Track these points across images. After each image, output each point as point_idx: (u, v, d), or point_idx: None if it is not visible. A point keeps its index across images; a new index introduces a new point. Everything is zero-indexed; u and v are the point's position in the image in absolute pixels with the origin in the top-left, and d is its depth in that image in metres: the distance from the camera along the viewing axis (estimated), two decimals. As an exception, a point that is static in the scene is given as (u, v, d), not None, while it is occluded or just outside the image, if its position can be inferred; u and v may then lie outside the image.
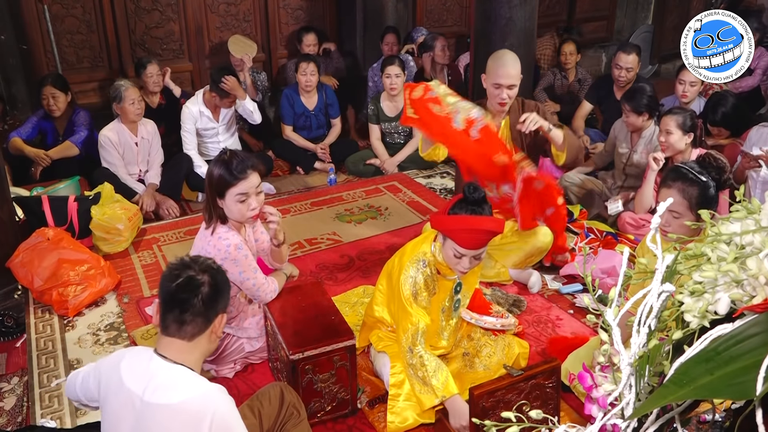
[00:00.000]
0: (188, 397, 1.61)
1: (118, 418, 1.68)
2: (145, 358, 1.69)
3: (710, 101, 4.08)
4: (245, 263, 2.47)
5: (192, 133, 4.43)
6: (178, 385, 1.63)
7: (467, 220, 2.21)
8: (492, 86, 3.12)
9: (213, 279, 1.73)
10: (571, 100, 5.39)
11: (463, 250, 2.23)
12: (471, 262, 2.27)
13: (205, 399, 1.62)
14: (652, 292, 0.91)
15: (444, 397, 2.25)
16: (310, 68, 4.82)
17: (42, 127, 4.31)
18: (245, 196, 2.43)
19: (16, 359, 2.93)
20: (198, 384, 1.65)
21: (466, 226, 2.20)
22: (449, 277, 2.43)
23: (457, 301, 2.51)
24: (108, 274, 3.30)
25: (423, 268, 2.34)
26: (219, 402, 1.63)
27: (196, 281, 1.70)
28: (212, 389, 1.65)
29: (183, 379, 1.65)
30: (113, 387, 1.70)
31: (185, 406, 1.60)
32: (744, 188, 1.05)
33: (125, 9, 5.14)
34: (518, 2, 4.06)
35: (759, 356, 0.76)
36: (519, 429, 0.99)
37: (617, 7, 7.35)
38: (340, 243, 3.81)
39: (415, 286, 2.33)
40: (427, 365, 2.29)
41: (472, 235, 2.20)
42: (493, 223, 2.24)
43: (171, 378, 1.65)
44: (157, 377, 1.64)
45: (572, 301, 3.18)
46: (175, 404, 1.60)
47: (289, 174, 4.98)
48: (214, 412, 1.60)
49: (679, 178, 2.32)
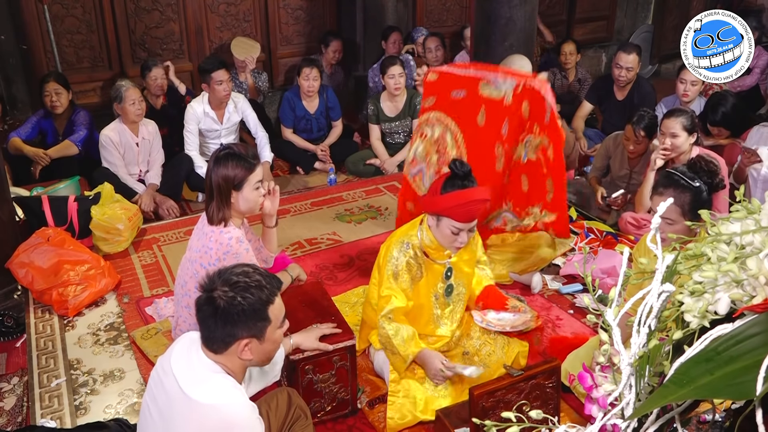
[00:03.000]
0: (219, 403, 1.63)
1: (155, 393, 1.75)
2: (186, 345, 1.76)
3: (710, 101, 4.08)
4: (246, 258, 2.47)
5: (194, 134, 4.43)
6: (213, 387, 1.66)
7: (461, 194, 2.29)
8: None
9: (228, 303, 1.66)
10: (571, 100, 5.39)
11: (460, 224, 2.33)
12: (467, 235, 2.37)
13: (233, 411, 1.63)
14: (652, 292, 0.91)
15: (411, 357, 2.37)
16: (313, 73, 4.81)
17: (42, 127, 4.32)
18: (260, 183, 2.48)
19: (16, 359, 2.93)
20: (232, 394, 1.66)
21: (461, 201, 2.29)
22: (438, 261, 2.47)
23: (449, 287, 2.53)
24: (108, 274, 3.30)
25: (406, 250, 2.43)
26: (243, 419, 1.65)
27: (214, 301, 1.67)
28: (243, 405, 1.66)
29: (220, 384, 1.67)
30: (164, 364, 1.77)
31: (212, 412, 1.62)
32: (744, 188, 1.05)
33: (125, 9, 5.14)
34: (518, 2, 4.06)
35: (759, 356, 0.76)
36: (519, 429, 0.99)
37: (617, 7, 7.35)
38: (340, 243, 3.81)
39: (396, 266, 2.43)
40: (389, 332, 2.38)
41: (467, 208, 2.30)
42: (482, 191, 2.34)
43: (209, 377, 1.68)
44: (197, 369, 1.69)
45: (572, 301, 3.18)
46: (204, 404, 1.63)
47: (289, 174, 4.98)
48: (235, 426, 1.63)
49: (670, 185, 2.30)
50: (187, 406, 1.64)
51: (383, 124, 4.89)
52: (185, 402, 1.65)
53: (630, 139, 3.72)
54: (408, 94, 4.82)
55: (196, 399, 1.63)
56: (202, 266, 2.48)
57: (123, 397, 2.61)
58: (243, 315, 1.67)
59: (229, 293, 1.66)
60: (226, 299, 1.66)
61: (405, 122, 4.87)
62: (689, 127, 3.37)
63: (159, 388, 1.74)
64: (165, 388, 1.71)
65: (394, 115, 4.85)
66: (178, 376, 1.69)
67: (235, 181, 2.41)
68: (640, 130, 3.66)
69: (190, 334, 1.82)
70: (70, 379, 2.72)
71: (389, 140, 4.96)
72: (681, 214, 2.25)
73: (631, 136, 3.71)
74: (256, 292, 1.69)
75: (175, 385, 1.68)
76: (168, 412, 1.69)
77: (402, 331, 2.39)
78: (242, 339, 1.68)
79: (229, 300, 1.65)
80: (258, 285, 1.71)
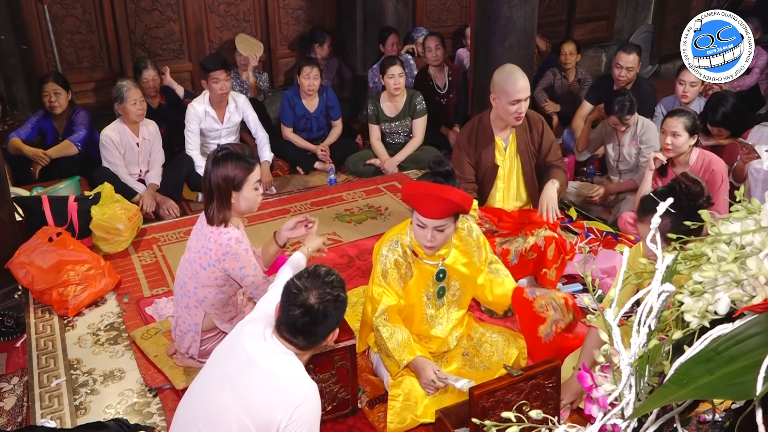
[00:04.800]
0: (293, 377, 1.80)
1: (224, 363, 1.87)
2: (261, 329, 1.89)
3: (710, 101, 4.08)
4: (246, 258, 2.47)
5: (195, 134, 4.42)
6: (286, 364, 1.82)
7: (429, 185, 2.29)
8: (508, 104, 3.11)
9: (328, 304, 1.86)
10: (571, 100, 5.39)
11: (423, 218, 2.29)
12: (434, 235, 2.31)
13: (305, 386, 1.80)
14: (652, 292, 0.91)
15: (404, 363, 2.35)
16: (314, 72, 4.81)
17: (41, 127, 4.32)
18: (258, 183, 2.49)
19: (16, 359, 2.93)
20: (303, 373, 1.83)
21: (427, 191, 2.27)
22: (429, 261, 2.46)
23: (441, 289, 2.52)
24: (108, 274, 3.30)
25: (395, 248, 2.44)
26: (313, 396, 1.81)
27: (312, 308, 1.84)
28: (312, 384, 1.82)
29: (291, 362, 1.83)
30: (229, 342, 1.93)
31: (286, 383, 1.78)
32: (744, 187, 1.05)
33: (125, 9, 5.14)
34: (518, 2, 4.06)
35: (759, 356, 0.76)
36: (519, 429, 0.99)
37: (617, 7, 7.34)
38: (340, 243, 3.81)
39: (385, 265, 2.43)
40: (384, 335, 2.36)
41: (432, 200, 2.26)
42: (457, 194, 2.28)
43: (281, 354, 1.83)
44: (270, 347, 1.84)
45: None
46: (277, 374, 1.79)
47: (289, 174, 4.98)
48: (306, 398, 1.76)
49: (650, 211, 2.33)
50: (261, 375, 1.77)
51: (383, 125, 4.89)
52: (260, 372, 1.78)
53: (618, 124, 4.02)
54: (408, 95, 4.82)
55: (272, 370, 1.78)
56: (201, 267, 2.49)
57: (123, 397, 2.61)
58: (342, 307, 1.91)
59: (328, 294, 1.85)
60: (328, 300, 1.85)
61: (405, 122, 4.87)
62: (691, 128, 3.38)
63: (227, 360, 1.87)
64: (236, 360, 1.84)
65: (393, 115, 4.85)
66: (252, 351, 1.83)
67: (235, 181, 2.41)
68: (626, 117, 3.94)
69: (256, 318, 1.96)
70: (70, 379, 2.72)
71: (389, 140, 4.96)
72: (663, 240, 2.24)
73: (618, 122, 3.99)
74: (342, 285, 1.93)
75: (247, 358, 1.81)
76: (241, 380, 1.79)
77: (397, 335, 2.37)
78: (334, 330, 1.92)
79: (329, 301, 1.85)
80: (339, 278, 1.93)
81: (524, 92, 3.11)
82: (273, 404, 1.74)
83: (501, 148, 3.29)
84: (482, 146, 3.28)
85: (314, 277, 1.88)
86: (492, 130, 3.28)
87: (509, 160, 3.30)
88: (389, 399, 2.40)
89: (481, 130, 3.29)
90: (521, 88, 3.09)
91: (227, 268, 2.46)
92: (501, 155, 3.29)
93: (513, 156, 3.30)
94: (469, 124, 3.37)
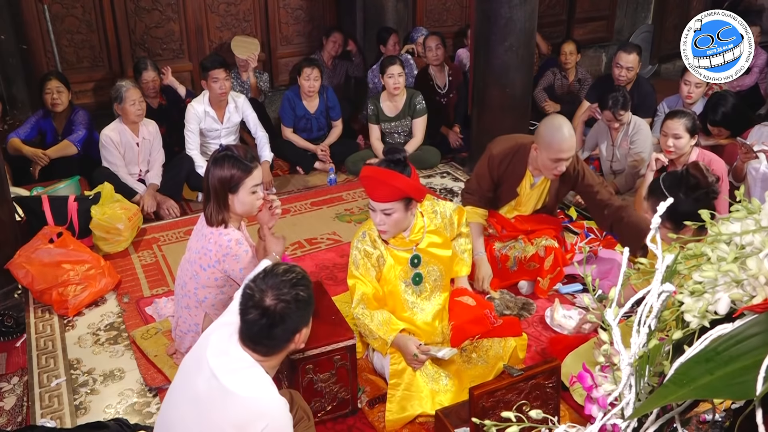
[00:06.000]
0: (255, 395, 1.69)
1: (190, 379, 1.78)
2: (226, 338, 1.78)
3: (710, 101, 4.08)
4: (245, 259, 2.46)
5: (195, 133, 4.42)
6: (249, 380, 1.71)
7: (378, 170, 2.37)
8: (549, 160, 2.94)
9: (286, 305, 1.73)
10: (571, 100, 5.38)
11: (372, 202, 2.40)
12: (382, 218, 2.40)
13: (270, 405, 1.70)
14: (652, 292, 0.91)
15: (391, 338, 2.41)
16: (314, 74, 4.81)
17: (41, 127, 4.32)
18: (257, 187, 2.46)
19: (16, 359, 2.93)
20: (269, 389, 1.72)
21: (372, 175, 2.37)
22: (401, 248, 2.52)
23: (417, 276, 2.56)
24: (108, 274, 3.30)
25: (362, 239, 2.53)
26: (279, 414, 1.70)
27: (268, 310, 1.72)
28: (279, 400, 1.72)
29: (257, 378, 1.72)
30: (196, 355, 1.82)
31: (249, 403, 1.68)
32: (744, 187, 1.05)
33: (125, 9, 5.14)
34: (518, 2, 4.06)
35: (759, 356, 0.76)
36: (519, 429, 0.99)
37: (617, 7, 7.34)
38: (340, 243, 3.81)
39: (356, 256, 2.52)
40: (365, 321, 2.43)
41: (376, 184, 2.36)
42: (401, 181, 2.35)
43: (245, 369, 1.73)
44: (234, 362, 1.73)
45: (572, 301, 3.18)
46: (242, 396, 1.68)
47: (289, 174, 4.98)
48: (271, 419, 1.67)
49: (653, 192, 2.49)
50: (223, 396, 1.68)
51: (383, 124, 4.88)
52: (221, 392, 1.69)
53: (612, 120, 4.03)
54: (408, 94, 4.82)
55: (233, 390, 1.68)
56: (201, 267, 2.49)
57: (123, 397, 2.61)
58: (305, 306, 1.77)
59: (285, 294, 1.71)
60: (286, 300, 1.71)
61: (405, 122, 4.87)
62: (691, 129, 3.38)
63: (194, 376, 1.77)
64: (201, 377, 1.75)
65: (393, 115, 4.85)
66: (215, 367, 1.72)
67: (231, 183, 2.40)
68: (619, 112, 3.96)
69: (225, 322, 1.86)
70: (70, 379, 2.72)
71: (389, 140, 4.96)
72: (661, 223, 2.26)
73: (612, 118, 4.01)
74: (305, 282, 1.78)
75: (211, 375, 1.72)
76: (204, 401, 1.72)
77: (377, 315, 2.45)
78: (301, 331, 1.79)
79: (286, 301, 1.71)
80: (302, 275, 1.79)
81: (569, 152, 2.92)
82: (240, 427, 1.66)
83: (528, 184, 3.16)
84: (511, 173, 3.15)
85: (271, 276, 1.74)
86: (526, 166, 3.12)
87: (532, 194, 3.19)
88: (389, 388, 2.41)
89: (516, 160, 3.12)
90: (567, 148, 2.90)
91: (227, 269, 2.46)
92: (526, 189, 3.18)
93: (538, 194, 3.19)
94: (508, 147, 3.15)
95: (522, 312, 3.07)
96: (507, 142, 3.20)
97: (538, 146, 2.98)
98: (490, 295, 3.16)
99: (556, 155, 2.91)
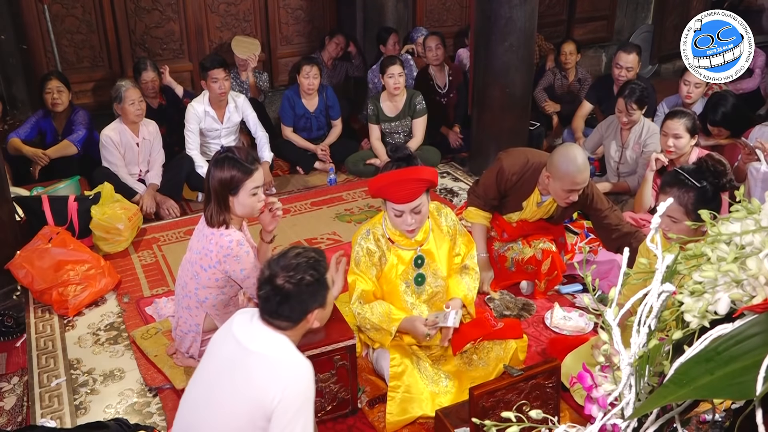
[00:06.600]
0: (278, 356, 1.76)
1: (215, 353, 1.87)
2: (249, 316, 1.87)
3: (710, 101, 4.08)
4: (246, 260, 2.46)
5: (195, 133, 4.42)
6: (272, 342, 1.79)
7: (395, 173, 2.35)
8: (561, 190, 2.89)
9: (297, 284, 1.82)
10: (571, 100, 5.38)
11: (398, 205, 2.36)
12: (412, 217, 2.38)
13: (292, 364, 1.75)
14: (652, 292, 0.91)
15: (395, 327, 2.41)
16: (314, 71, 4.81)
17: (41, 127, 4.32)
18: (258, 189, 2.45)
19: (16, 359, 2.93)
20: (291, 349, 1.80)
21: (394, 179, 2.34)
22: (406, 247, 2.51)
23: (419, 276, 2.55)
24: (108, 274, 3.30)
25: (367, 237, 2.51)
26: (302, 374, 1.75)
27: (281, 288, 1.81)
28: (302, 360, 1.78)
29: (278, 340, 1.80)
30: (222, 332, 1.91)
31: (271, 362, 1.75)
32: (744, 187, 1.05)
33: (125, 9, 5.14)
34: (518, 2, 4.06)
35: (759, 356, 0.76)
36: (519, 429, 0.98)
37: (617, 7, 7.34)
38: (340, 243, 3.81)
39: (358, 253, 2.51)
40: (366, 315, 2.44)
41: (401, 186, 2.33)
42: (423, 171, 2.36)
43: (270, 335, 1.81)
44: (258, 331, 1.82)
45: (572, 301, 3.18)
46: (268, 354, 1.76)
47: (289, 174, 4.98)
48: (293, 379, 1.72)
49: (675, 184, 2.34)
50: (245, 357, 1.75)
51: (383, 124, 4.88)
52: (244, 354, 1.75)
53: (623, 112, 3.88)
54: (408, 94, 4.82)
55: (256, 350, 1.75)
56: (202, 268, 2.49)
57: (123, 397, 2.61)
58: (313, 289, 1.83)
59: (295, 276, 1.80)
60: (294, 282, 1.79)
61: (405, 122, 4.87)
62: (691, 129, 3.38)
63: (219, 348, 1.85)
64: (226, 346, 1.83)
65: (393, 115, 4.85)
66: (238, 334, 1.81)
67: (231, 185, 2.41)
68: (632, 103, 3.82)
69: (247, 309, 1.94)
70: (70, 379, 2.72)
71: (389, 140, 4.95)
72: (684, 213, 2.26)
73: (623, 109, 3.87)
74: (315, 266, 1.86)
75: (235, 342, 1.79)
76: (227, 366, 1.78)
77: (377, 307, 2.46)
78: (313, 311, 1.86)
79: (297, 281, 1.80)
80: (314, 259, 1.87)
81: (582, 184, 2.87)
82: (268, 382, 1.71)
83: (534, 201, 3.11)
84: (519, 188, 3.10)
85: (282, 257, 1.86)
86: (535, 185, 3.07)
87: (538, 211, 3.14)
88: (389, 390, 2.41)
89: (527, 179, 3.06)
90: (581, 180, 2.85)
91: (228, 270, 2.46)
92: (532, 206, 3.13)
93: (543, 212, 3.14)
94: (519, 164, 3.08)
95: (522, 313, 3.07)
96: (518, 158, 3.12)
97: (550, 175, 2.91)
98: (491, 295, 3.16)
99: (570, 186, 2.87)
